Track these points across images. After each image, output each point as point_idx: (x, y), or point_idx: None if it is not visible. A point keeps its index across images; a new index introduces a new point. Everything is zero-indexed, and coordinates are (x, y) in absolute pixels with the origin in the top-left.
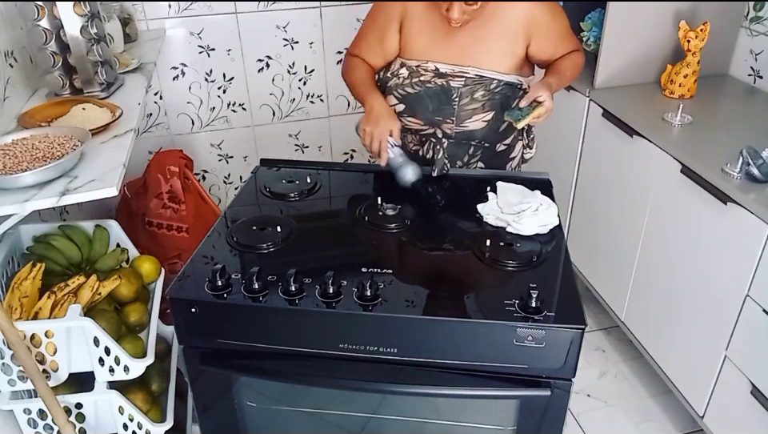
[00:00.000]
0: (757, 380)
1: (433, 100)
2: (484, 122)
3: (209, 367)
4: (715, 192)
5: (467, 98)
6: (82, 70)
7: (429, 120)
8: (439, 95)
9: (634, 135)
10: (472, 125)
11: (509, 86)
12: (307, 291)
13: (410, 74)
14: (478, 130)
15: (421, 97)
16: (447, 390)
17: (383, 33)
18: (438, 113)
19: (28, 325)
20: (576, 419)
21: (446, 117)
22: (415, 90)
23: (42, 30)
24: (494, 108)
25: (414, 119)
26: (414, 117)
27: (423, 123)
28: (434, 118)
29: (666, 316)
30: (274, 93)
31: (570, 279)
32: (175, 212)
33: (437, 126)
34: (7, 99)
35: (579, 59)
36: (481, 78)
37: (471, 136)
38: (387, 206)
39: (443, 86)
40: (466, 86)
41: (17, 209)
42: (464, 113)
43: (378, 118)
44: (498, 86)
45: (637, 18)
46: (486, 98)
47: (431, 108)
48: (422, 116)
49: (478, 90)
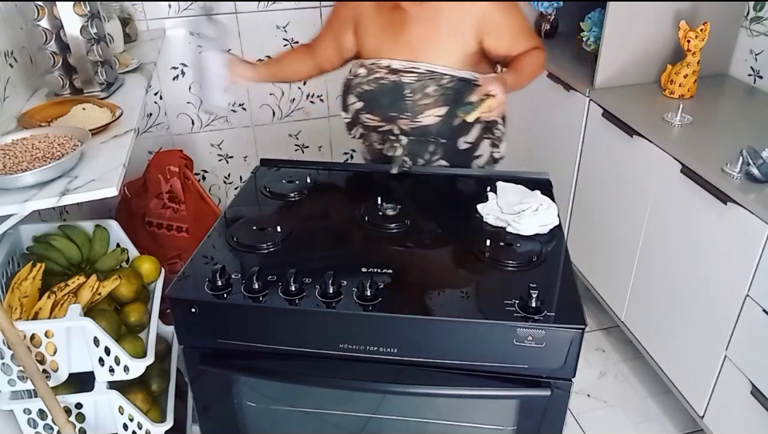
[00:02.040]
0: (757, 380)
1: (387, 96)
2: (437, 117)
3: (209, 367)
4: (715, 192)
5: (419, 94)
6: (82, 70)
7: (384, 116)
8: (393, 91)
9: (633, 135)
10: (426, 120)
11: (462, 82)
12: (307, 291)
13: (368, 73)
14: (433, 125)
15: (376, 94)
16: (447, 390)
17: (338, 34)
18: (393, 109)
19: (28, 325)
20: (576, 419)
21: (400, 112)
22: (371, 87)
23: (42, 30)
24: (446, 103)
25: (372, 116)
26: (371, 113)
27: (380, 120)
28: (389, 114)
29: (666, 316)
30: (274, 93)
31: (570, 279)
32: (175, 212)
33: (393, 123)
34: (7, 99)
35: (539, 57)
36: (432, 74)
37: (426, 131)
38: (387, 206)
39: (396, 83)
40: (418, 81)
41: (17, 209)
42: (417, 108)
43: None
44: (451, 81)
45: (637, 18)
46: (439, 93)
47: (386, 104)
48: (378, 112)
49: (429, 85)
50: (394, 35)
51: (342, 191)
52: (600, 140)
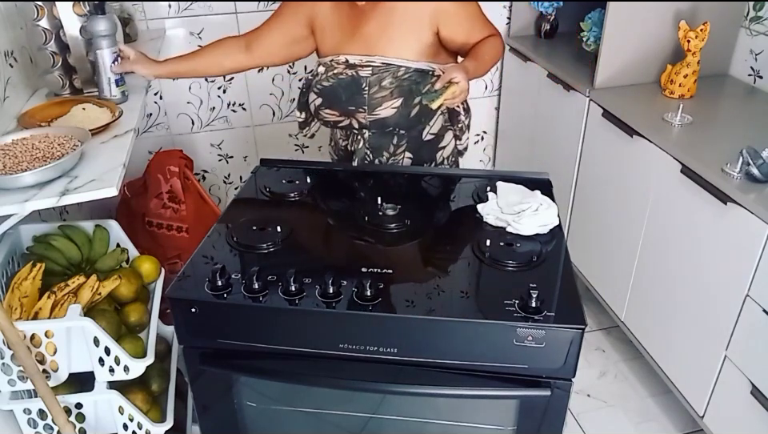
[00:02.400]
0: (757, 380)
1: (345, 91)
2: (393, 108)
3: (209, 367)
4: (715, 192)
5: (375, 87)
6: (82, 70)
7: (343, 110)
8: (350, 85)
9: (634, 135)
10: (383, 112)
11: (418, 73)
12: (307, 291)
13: (326, 70)
14: (390, 117)
15: (334, 89)
16: (447, 390)
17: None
18: (351, 103)
19: (28, 325)
20: (576, 419)
21: (358, 106)
22: (329, 82)
23: (42, 30)
24: (402, 94)
25: (331, 111)
26: (330, 108)
27: (339, 114)
28: (347, 108)
29: (665, 316)
30: (273, 93)
31: (570, 279)
32: (175, 212)
33: (351, 116)
34: (7, 99)
35: (497, 43)
36: (387, 66)
37: (384, 124)
38: (387, 206)
39: (353, 77)
40: (373, 74)
41: (17, 209)
42: (374, 101)
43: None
44: (407, 73)
45: (637, 18)
46: (394, 85)
47: (344, 98)
48: (337, 107)
49: (385, 77)
50: (351, 31)
51: (342, 191)
52: (600, 140)
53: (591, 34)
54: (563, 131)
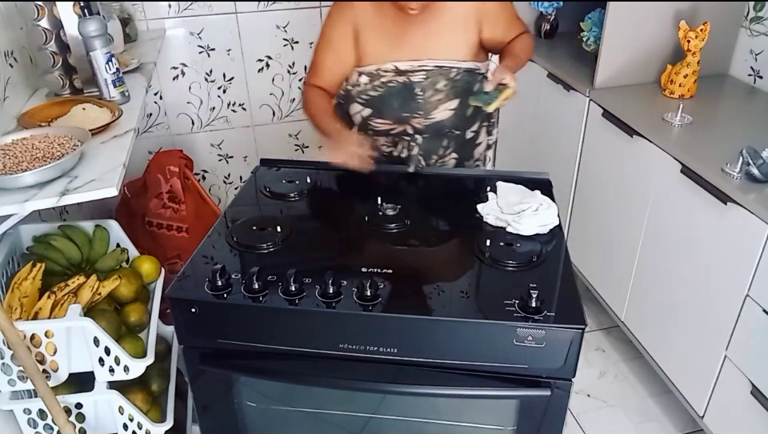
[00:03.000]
0: (757, 380)
1: (397, 98)
2: (450, 110)
3: (209, 367)
4: (715, 192)
5: (430, 90)
6: (82, 70)
7: (397, 118)
8: (402, 92)
9: (634, 135)
10: (439, 115)
11: (468, 73)
12: (307, 291)
13: (371, 79)
14: (446, 119)
15: (385, 97)
16: (447, 390)
17: (340, 50)
18: (405, 109)
19: (28, 325)
20: (576, 419)
21: (412, 112)
22: (378, 92)
23: (42, 30)
24: (457, 96)
25: (383, 120)
26: (381, 118)
27: (392, 122)
28: (401, 114)
29: (665, 316)
30: (273, 93)
31: (570, 279)
32: (175, 212)
33: (406, 123)
34: (7, 99)
35: (529, 40)
36: (440, 69)
37: (440, 126)
38: (387, 207)
39: (405, 83)
40: (426, 78)
41: (17, 209)
42: (429, 105)
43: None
44: (458, 73)
45: (637, 18)
46: (448, 87)
47: (396, 106)
48: (390, 115)
49: (439, 80)
50: (397, 37)
51: (342, 191)
52: (600, 140)
53: (591, 34)
54: (563, 131)
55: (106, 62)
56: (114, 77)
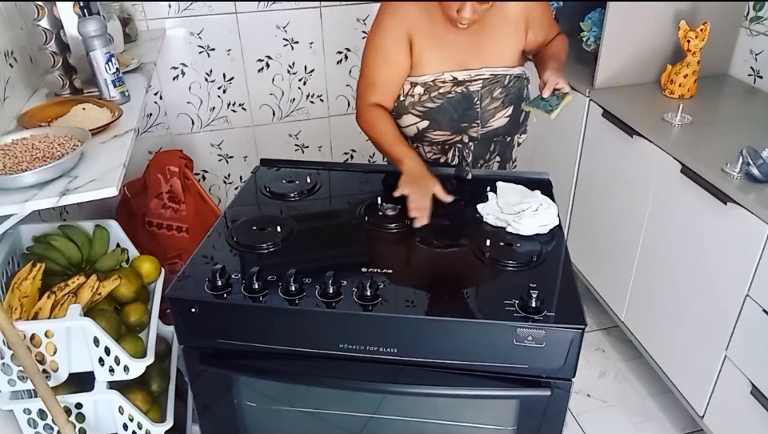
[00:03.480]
0: (757, 380)
1: (457, 109)
2: (506, 117)
3: (209, 367)
4: (715, 192)
5: (487, 99)
6: (82, 70)
7: (455, 128)
8: (461, 102)
9: (634, 135)
10: (496, 123)
11: (518, 79)
12: (307, 291)
13: (426, 90)
14: (502, 126)
15: (444, 109)
16: (447, 390)
17: (396, 60)
18: (464, 120)
19: (28, 325)
20: (576, 419)
21: (471, 122)
22: (436, 103)
23: (42, 30)
24: (511, 102)
25: (441, 131)
26: (440, 129)
27: (450, 133)
28: (460, 125)
29: (666, 316)
30: (273, 93)
31: (570, 279)
32: (175, 212)
33: (464, 133)
34: (7, 99)
35: (566, 41)
36: (495, 77)
37: (496, 133)
38: (387, 207)
39: (464, 93)
40: (484, 87)
41: (17, 209)
42: (487, 114)
43: (420, 179)
44: (510, 80)
45: (637, 18)
46: (504, 94)
47: (456, 117)
48: (449, 126)
49: (495, 88)
50: (451, 47)
51: (342, 191)
52: (600, 140)
53: (591, 34)
54: (563, 131)
55: (105, 62)
56: (113, 77)
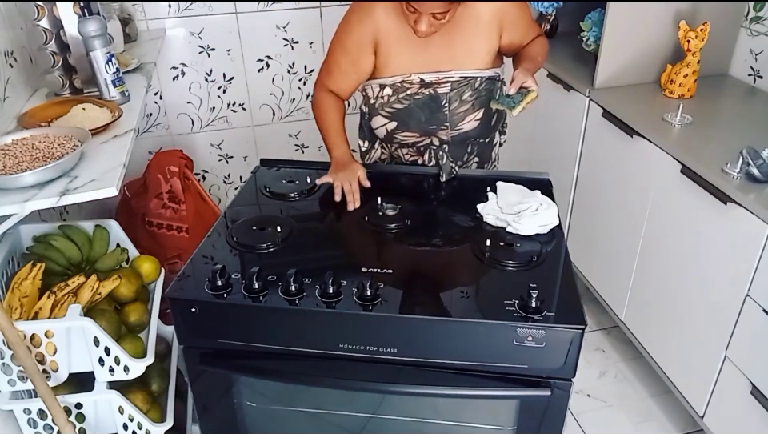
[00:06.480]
0: (757, 380)
1: (424, 111)
2: (476, 120)
3: (209, 367)
4: (715, 192)
5: (456, 102)
6: (82, 70)
7: (423, 130)
8: (429, 104)
9: (634, 135)
10: (466, 126)
11: (490, 81)
12: (307, 291)
13: (395, 91)
14: (473, 129)
15: (411, 110)
16: (447, 390)
17: (356, 57)
18: (432, 122)
19: (28, 325)
20: (576, 419)
21: (439, 124)
22: (404, 104)
23: (42, 30)
24: (482, 105)
25: (409, 132)
26: (408, 131)
27: (419, 135)
28: (428, 127)
29: (665, 316)
30: (273, 93)
31: (570, 279)
32: (175, 212)
33: (432, 135)
34: (7, 99)
35: (545, 43)
36: (465, 79)
37: (467, 136)
38: (387, 206)
39: (431, 95)
40: (452, 90)
41: (17, 209)
42: (456, 116)
43: (346, 166)
44: (482, 83)
45: (637, 18)
46: (474, 97)
47: (424, 118)
48: (417, 128)
49: (465, 91)
50: (420, 48)
51: None
52: (600, 140)
53: (591, 34)
54: (563, 131)
55: (105, 62)
56: (113, 77)
